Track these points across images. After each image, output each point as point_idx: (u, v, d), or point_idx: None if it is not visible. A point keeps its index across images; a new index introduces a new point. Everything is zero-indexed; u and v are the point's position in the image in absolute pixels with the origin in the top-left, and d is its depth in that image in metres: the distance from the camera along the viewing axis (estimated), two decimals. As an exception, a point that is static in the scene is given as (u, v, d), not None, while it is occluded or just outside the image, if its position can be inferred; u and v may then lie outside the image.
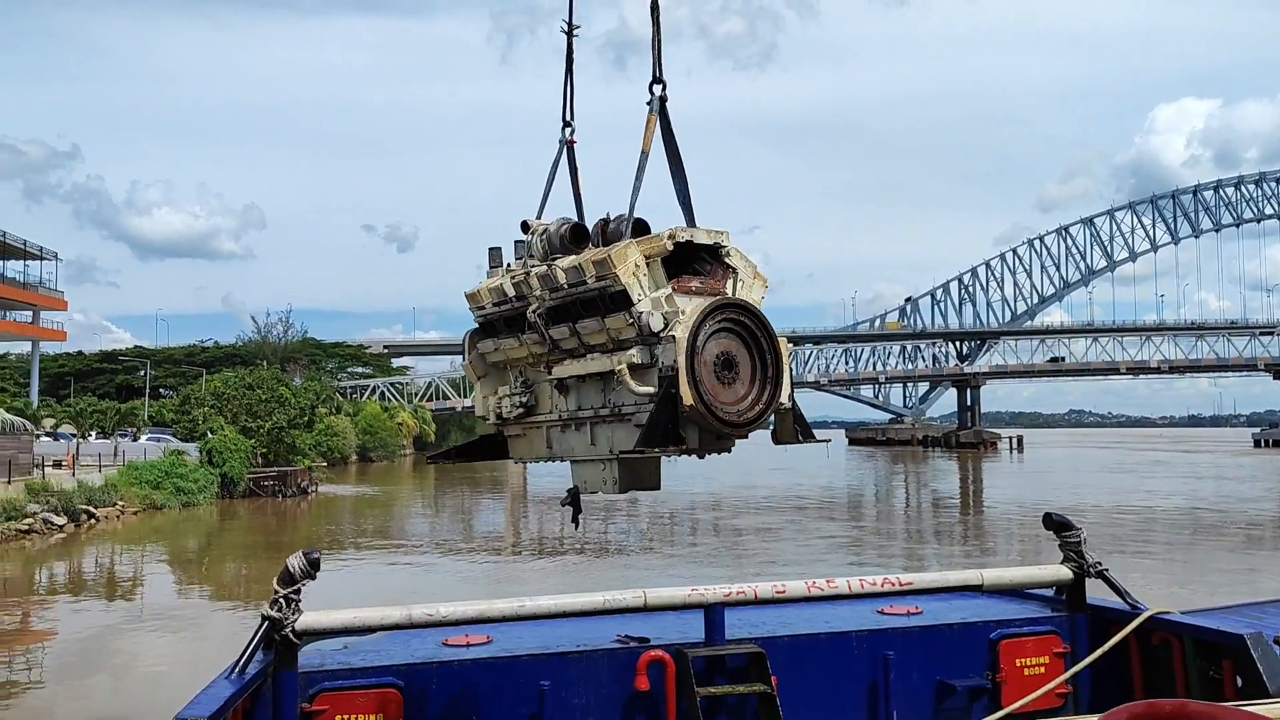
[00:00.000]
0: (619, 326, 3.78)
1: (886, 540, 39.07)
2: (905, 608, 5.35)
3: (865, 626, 5.09)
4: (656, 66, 4.28)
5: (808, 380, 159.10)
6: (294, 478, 57.16)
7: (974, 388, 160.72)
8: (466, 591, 25.92)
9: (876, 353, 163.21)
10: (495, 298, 4.21)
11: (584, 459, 4.17)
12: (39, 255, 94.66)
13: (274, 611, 4.14)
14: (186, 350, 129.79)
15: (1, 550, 33.54)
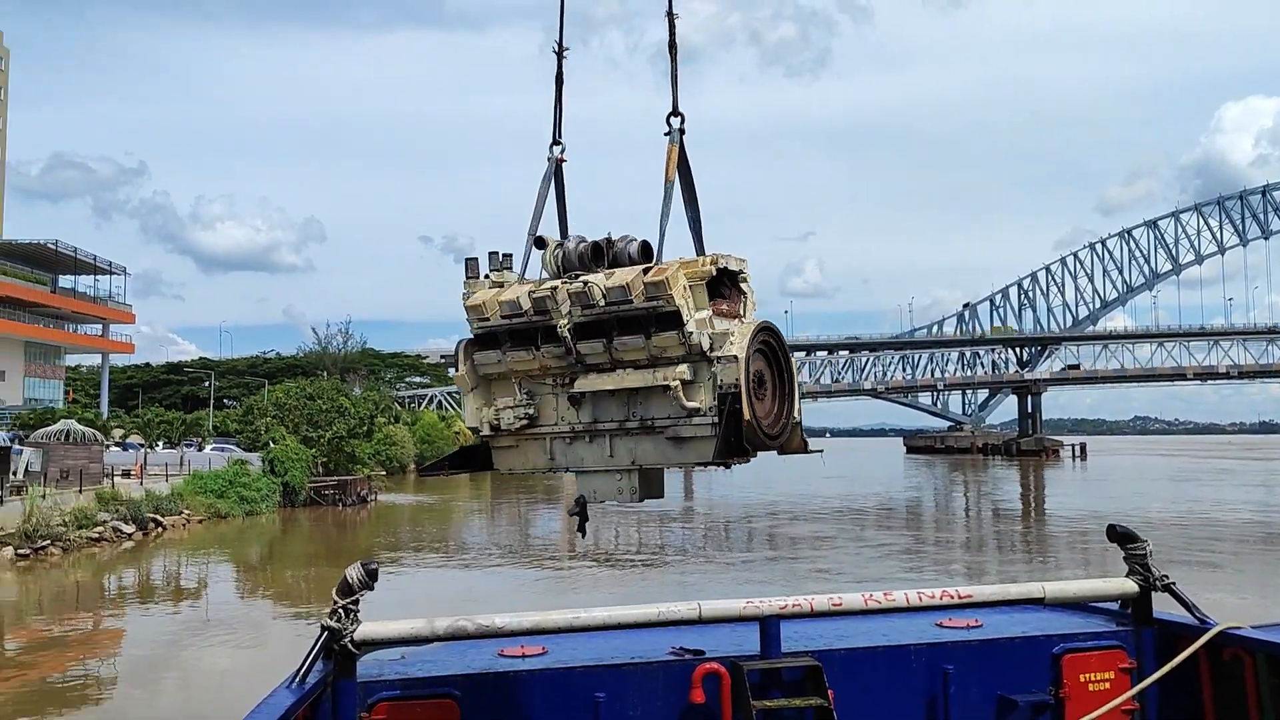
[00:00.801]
0: (667, 345, 3.94)
1: (945, 551, 38.51)
2: (965, 621, 5.26)
3: (924, 640, 5.01)
4: (674, 99, 4.45)
5: (865, 388, 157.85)
6: (354, 486, 57.98)
7: (1035, 394, 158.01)
8: (522, 600, 26.05)
9: (934, 359, 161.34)
10: (508, 310, 4.21)
11: (595, 470, 4.25)
12: (108, 270, 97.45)
13: (333, 622, 4.20)
14: (249, 361, 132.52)
15: (74, 558, 34.46)
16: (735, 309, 4.10)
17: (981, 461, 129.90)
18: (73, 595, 29.77)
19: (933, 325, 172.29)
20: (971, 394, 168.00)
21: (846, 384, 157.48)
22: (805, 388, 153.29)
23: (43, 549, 33.70)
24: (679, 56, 4.57)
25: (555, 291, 4.08)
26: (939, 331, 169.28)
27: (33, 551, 33.18)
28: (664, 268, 3.93)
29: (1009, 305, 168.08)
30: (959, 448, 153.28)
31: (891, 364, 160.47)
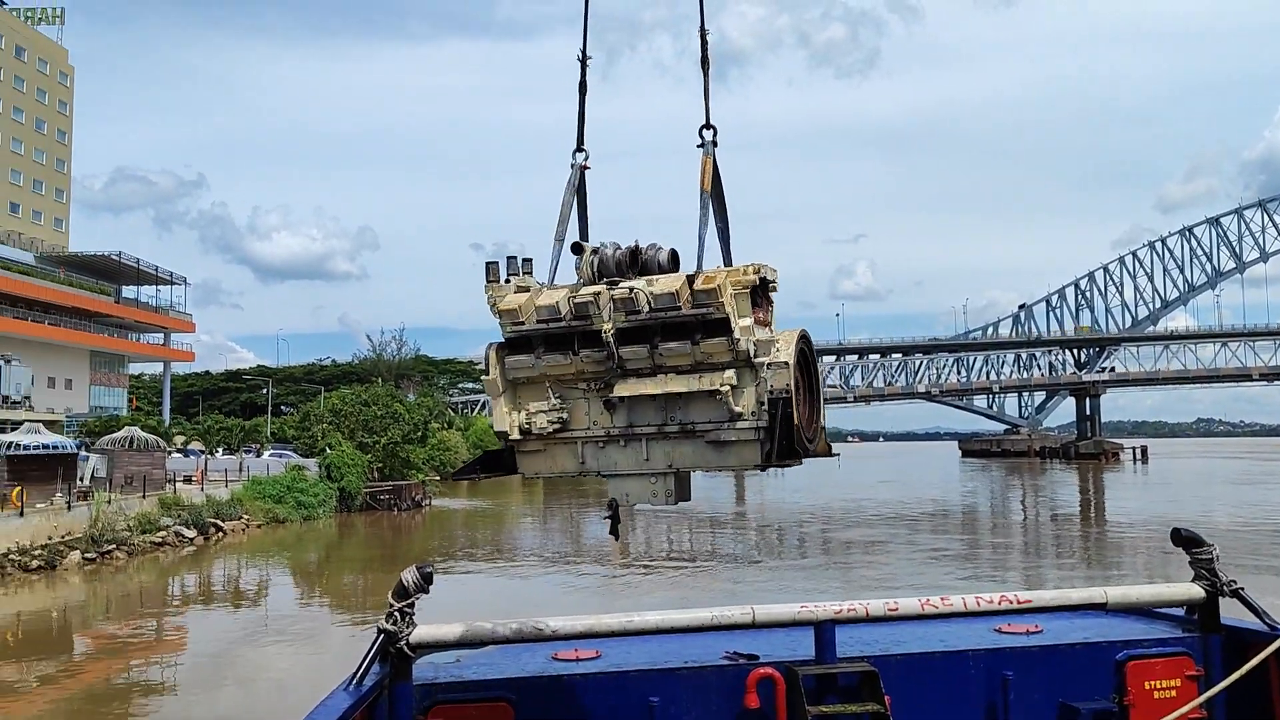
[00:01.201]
0: (715, 351, 4.04)
1: (1003, 555, 37.93)
2: (1024, 626, 5.16)
3: (982, 646, 4.93)
4: (707, 111, 4.55)
5: (918, 390, 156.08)
6: (408, 491, 58.61)
7: (1094, 396, 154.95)
8: (575, 604, 26.14)
9: (990, 361, 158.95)
10: (546, 314, 4.22)
11: (628, 473, 4.27)
12: (169, 280, 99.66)
13: (389, 625, 4.24)
14: (306, 369, 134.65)
15: (138, 562, 35.27)
16: (767, 317, 4.22)
17: (1039, 465, 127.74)
18: (137, 598, 30.46)
19: (988, 327, 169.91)
20: (1028, 396, 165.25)
21: (900, 387, 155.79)
22: (858, 391, 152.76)
23: (109, 553, 34.54)
24: (710, 71, 4.67)
25: (599, 297, 4.10)
26: (994, 333, 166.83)
27: (99, 555, 34.01)
28: (712, 275, 4.01)
29: (1065, 306, 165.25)
30: (1015, 451, 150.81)
31: (946, 366, 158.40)
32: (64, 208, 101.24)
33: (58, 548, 32.81)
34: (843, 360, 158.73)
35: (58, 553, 32.53)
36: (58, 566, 32.00)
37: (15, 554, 30.94)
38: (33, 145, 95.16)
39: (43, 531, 33.03)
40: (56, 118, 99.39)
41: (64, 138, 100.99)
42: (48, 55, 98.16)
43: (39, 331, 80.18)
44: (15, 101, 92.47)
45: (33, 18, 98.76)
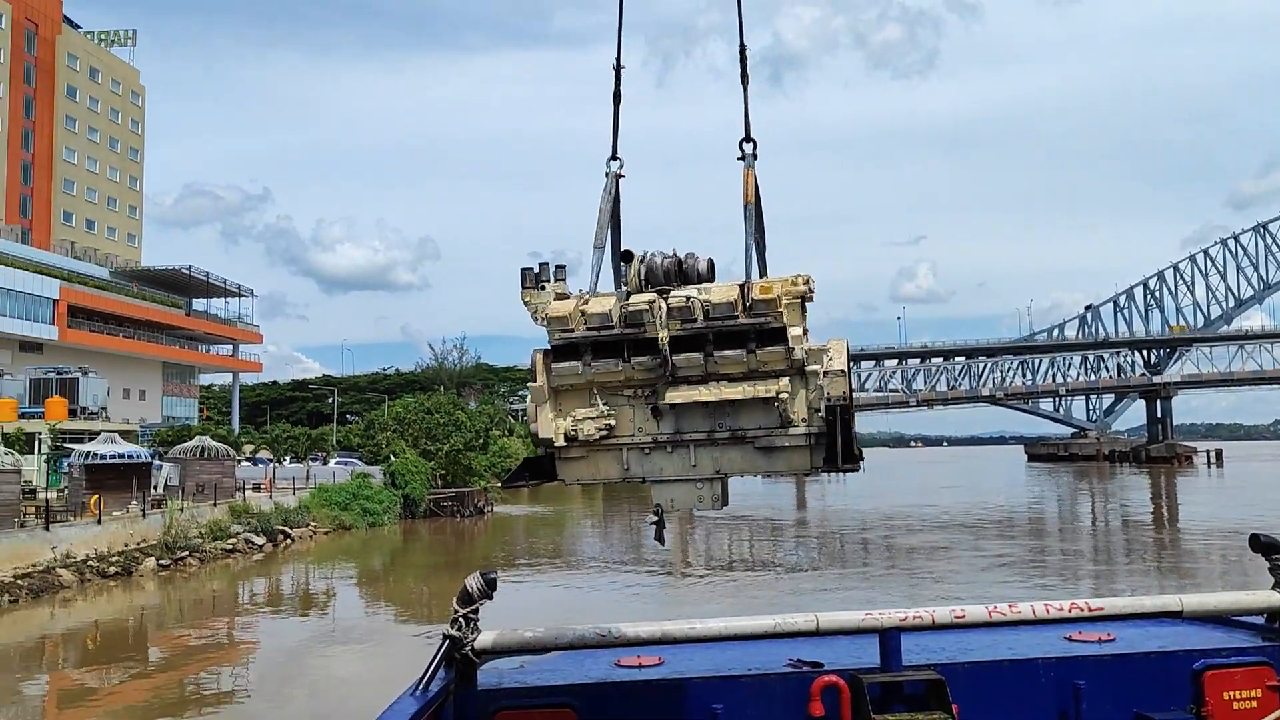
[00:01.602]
0: (771, 359, 4.13)
1: (1072, 561, 37.11)
2: (1096, 634, 5.05)
3: (1053, 654, 4.83)
4: (746, 126, 4.66)
5: (982, 394, 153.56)
6: (471, 498, 59.17)
7: (1165, 398, 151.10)
8: (637, 610, 26.14)
9: (1056, 364, 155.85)
10: (598, 322, 4.24)
11: (674, 479, 4.29)
12: (237, 293, 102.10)
13: (454, 631, 4.29)
14: (370, 378, 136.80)
15: (209, 568, 36.08)
16: (805, 325, 4.30)
17: (1108, 469, 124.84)
18: (209, 604, 31.15)
19: (1053, 329, 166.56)
20: (1096, 399, 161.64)
21: (963, 391, 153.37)
22: (920, 395, 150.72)
23: (181, 560, 35.39)
24: (750, 86, 4.77)
25: (653, 305, 4.12)
26: (1060, 335, 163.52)
27: (173, 562, 34.87)
28: (769, 286, 4.09)
29: (1134, 306, 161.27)
30: (1084, 455, 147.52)
31: (1011, 369, 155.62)
32: (137, 224, 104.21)
33: (133, 554, 33.70)
34: (905, 364, 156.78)
35: (134, 559, 33.42)
36: (134, 573, 32.86)
37: (94, 560, 31.84)
38: (107, 164, 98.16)
39: (119, 539, 33.97)
40: (129, 136, 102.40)
41: (136, 156, 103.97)
42: (120, 76, 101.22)
43: (115, 344, 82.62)
44: (90, 122, 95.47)
45: (106, 40, 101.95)
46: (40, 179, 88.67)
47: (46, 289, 74.69)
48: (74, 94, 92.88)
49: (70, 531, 32.28)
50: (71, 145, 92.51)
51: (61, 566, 30.34)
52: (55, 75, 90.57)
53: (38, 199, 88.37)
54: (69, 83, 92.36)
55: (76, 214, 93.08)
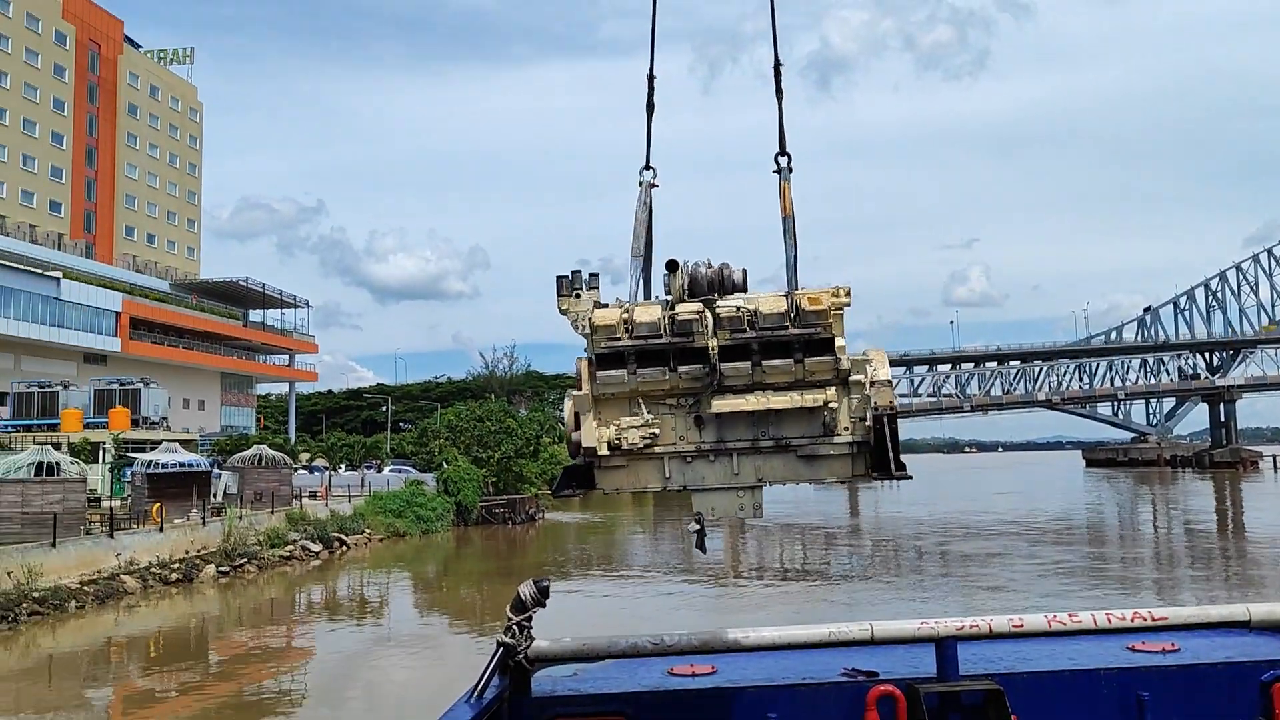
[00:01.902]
0: (819, 369, 4.20)
1: (1133, 568, 36.35)
2: (1160, 645, 4.93)
3: (1115, 664, 4.72)
4: (782, 140, 4.73)
5: (1038, 398, 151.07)
6: (522, 505, 59.52)
7: (1228, 402, 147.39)
8: (689, 618, 26.09)
9: (1114, 367, 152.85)
10: (646, 330, 4.24)
11: (714, 488, 4.31)
12: (293, 303, 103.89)
13: (508, 638, 4.31)
14: (422, 386, 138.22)
15: (267, 575, 36.67)
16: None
17: (1170, 475, 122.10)
18: (267, 610, 31.67)
19: (1110, 331, 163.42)
20: (1156, 403, 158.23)
21: (1019, 395, 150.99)
22: (974, 400, 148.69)
23: (240, 566, 36.03)
24: (784, 101, 4.83)
25: (702, 314, 4.15)
26: (1118, 338, 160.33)
27: (232, 569, 35.51)
28: (817, 296, 4.15)
29: (1195, 307, 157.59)
30: (1144, 460, 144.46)
31: (1067, 373, 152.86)
32: (195, 237, 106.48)
33: (194, 561, 34.39)
34: (958, 368, 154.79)
35: (194, 566, 34.09)
36: (194, 579, 33.52)
37: (156, 567, 32.54)
38: (166, 179, 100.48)
39: (180, 546, 34.68)
40: (188, 152, 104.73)
41: (194, 171, 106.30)
42: (179, 94, 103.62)
43: (175, 355, 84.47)
44: (151, 138, 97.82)
45: (165, 58, 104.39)
46: (103, 195, 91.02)
47: (110, 302, 76.60)
48: (135, 112, 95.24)
49: (133, 539, 33.03)
50: (132, 161, 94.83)
51: (125, 573, 31.04)
52: (117, 94, 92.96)
53: (100, 214, 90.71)
54: (130, 101, 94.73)
55: (138, 228, 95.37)
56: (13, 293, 66.81)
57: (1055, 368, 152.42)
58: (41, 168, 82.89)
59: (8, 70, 79.33)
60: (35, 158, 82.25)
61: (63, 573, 28.67)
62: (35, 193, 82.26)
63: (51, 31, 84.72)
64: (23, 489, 30.66)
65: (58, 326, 70.86)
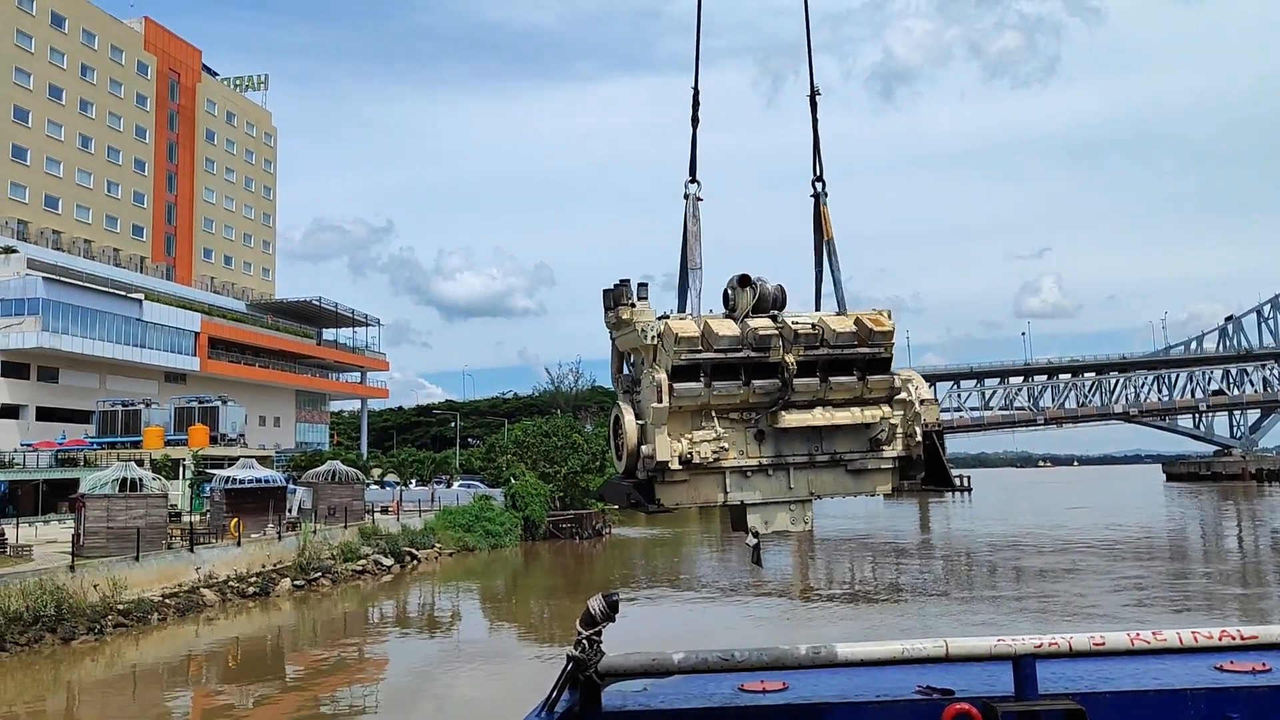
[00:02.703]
0: (878, 386, 4.39)
1: (1219, 585, 35.14)
2: (1250, 664, 4.76)
3: (1202, 684, 4.57)
4: (817, 165, 4.90)
5: (1114, 411, 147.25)
6: (589, 520, 59.65)
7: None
8: (757, 634, 25.86)
9: (1194, 379, 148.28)
10: (726, 344, 4.23)
11: (769, 502, 4.37)
12: (364, 322, 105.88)
13: (578, 652, 4.32)
14: (490, 402, 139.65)
15: (341, 589, 37.26)
16: None
17: (1255, 489, 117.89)
18: (341, 623, 32.16)
19: (1190, 341, 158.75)
20: (1241, 415, 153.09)
21: (1094, 408, 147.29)
22: (1048, 413, 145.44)
23: (315, 580, 36.66)
24: (819, 128, 4.99)
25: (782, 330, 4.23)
26: (1198, 348, 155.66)
27: (307, 583, 36.15)
28: (880, 318, 4.38)
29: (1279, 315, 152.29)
30: (1228, 474, 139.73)
31: (1145, 385, 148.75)
32: (270, 258, 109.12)
33: (270, 575, 35.09)
34: (1031, 381, 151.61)
35: (271, 580, 34.78)
36: (270, 593, 34.19)
37: (234, 581, 33.28)
38: (242, 202, 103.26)
39: (257, 560, 35.44)
40: (263, 175, 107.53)
41: (269, 194, 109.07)
42: (254, 119, 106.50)
43: (251, 374, 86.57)
44: (227, 163, 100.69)
45: (241, 85, 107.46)
46: (182, 218, 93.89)
47: (189, 322, 78.86)
48: (212, 137, 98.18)
49: (212, 553, 33.84)
50: (210, 186, 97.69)
51: (205, 586, 31.80)
52: (195, 121, 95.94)
53: (180, 237, 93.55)
54: (208, 127, 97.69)
55: (215, 250, 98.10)
56: (98, 315, 69.15)
57: (1132, 379, 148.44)
58: (125, 193, 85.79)
59: (93, 100, 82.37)
60: (119, 184, 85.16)
61: (145, 586, 29.48)
62: (119, 217, 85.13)
63: (134, 62, 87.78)
64: (108, 504, 31.61)
65: (140, 347, 73.12)
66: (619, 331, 4.47)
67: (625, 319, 4.37)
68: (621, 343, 4.55)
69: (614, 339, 4.58)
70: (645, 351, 4.37)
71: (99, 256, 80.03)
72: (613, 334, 4.54)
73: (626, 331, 4.41)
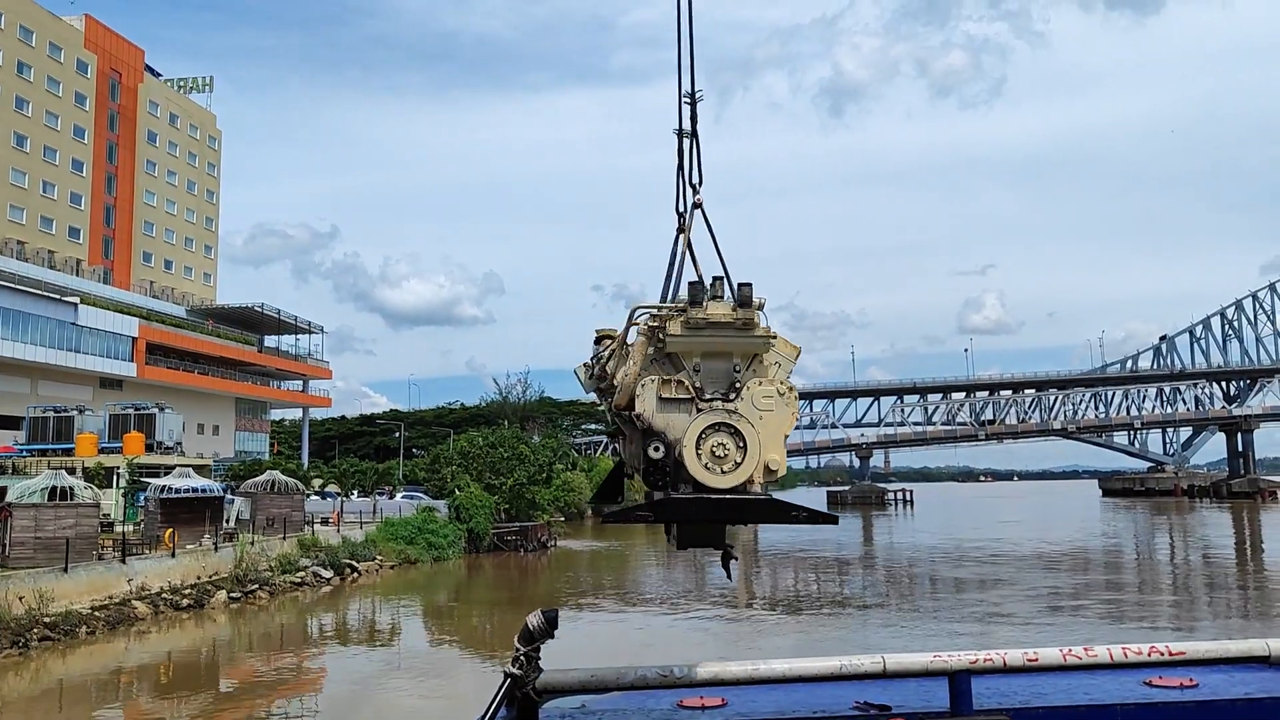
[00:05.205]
0: None
1: (1150, 598, 35.94)
2: (1178, 680, 4.85)
3: (1132, 699, 4.64)
4: (695, 174, 4.85)
5: (1053, 427, 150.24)
6: (534, 532, 59.31)
7: (1245, 431, 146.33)
8: (700, 648, 25.90)
9: (1130, 396, 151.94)
10: None
11: None
12: (307, 329, 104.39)
13: (515, 669, 4.27)
14: (435, 412, 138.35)
15: (279, 601, 36.61)
16: None
17: (1187, 504, 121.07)
18: (278, 637, 31.58)
19: (1126, 360, 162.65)
20: (1173, 433, 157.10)
21: (1034, 424, 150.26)
22: (989, 428, 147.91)
23: (252, 592, 35.97)
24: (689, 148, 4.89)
25: None
26: (1134, 367, 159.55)
27: (243, 595, 35.46)
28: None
29: (1211, 336, 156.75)
30: (1161, 490, 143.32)
31: (1082, 402, 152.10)
32: (212, 263, 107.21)
33: (206, 587, 34.37)
34: (973, 396, 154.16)
35: (206, 592, 34.06)
36: (205, 605, 33.48)
37: (168, 593, 32.53)
38: (184, 206, 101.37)
39: (192, 571, 34.68)
40: (206, 179, 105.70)
41: (212, 197, 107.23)
42: (198, 121, 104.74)
43: (190, 380, 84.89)
44: (169, 165, 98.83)
45: (185, 87, 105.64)
46: (121, 221, 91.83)
47: (126, 327, 77.14)
48: (154, 139, 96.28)
49: (145, 564, 33.04)
50: (151, 188, 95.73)
51: (137, 599, 31.04)
52: (137, 121, 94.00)
53: (119, 240, 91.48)
54: (150, 128, 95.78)
55: (155, 254, 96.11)
56: (31, 318, 67.37)
57: (1071, 396, 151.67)
58: (61, 194, 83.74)
59: (30, 98, 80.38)
60: (55, 184, 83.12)
61: (74, 598, 28.69)
62: (54, 219, 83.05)
63: (74, 61, 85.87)
64: (36, 513, 30.75)
65: (75, 351, 71.35)
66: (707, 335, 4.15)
67: (750, 320, 4.14)
68: (692, 346, 4.20)
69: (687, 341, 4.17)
70: (745, 358, 4.19)
71: (33, 259, 77.92)
72: (690, 337, 4.15)
73: (726, 334, 4.16)
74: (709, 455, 4.10)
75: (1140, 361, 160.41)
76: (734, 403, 4.16)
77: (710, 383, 4.20)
